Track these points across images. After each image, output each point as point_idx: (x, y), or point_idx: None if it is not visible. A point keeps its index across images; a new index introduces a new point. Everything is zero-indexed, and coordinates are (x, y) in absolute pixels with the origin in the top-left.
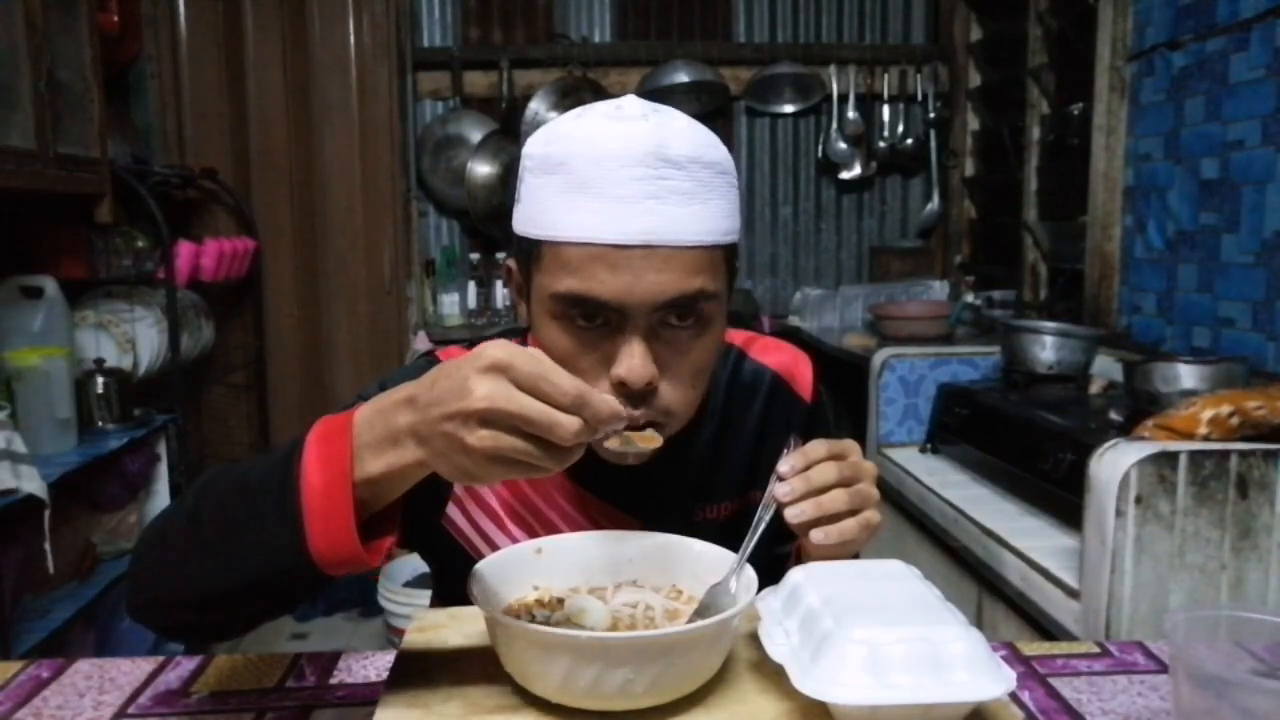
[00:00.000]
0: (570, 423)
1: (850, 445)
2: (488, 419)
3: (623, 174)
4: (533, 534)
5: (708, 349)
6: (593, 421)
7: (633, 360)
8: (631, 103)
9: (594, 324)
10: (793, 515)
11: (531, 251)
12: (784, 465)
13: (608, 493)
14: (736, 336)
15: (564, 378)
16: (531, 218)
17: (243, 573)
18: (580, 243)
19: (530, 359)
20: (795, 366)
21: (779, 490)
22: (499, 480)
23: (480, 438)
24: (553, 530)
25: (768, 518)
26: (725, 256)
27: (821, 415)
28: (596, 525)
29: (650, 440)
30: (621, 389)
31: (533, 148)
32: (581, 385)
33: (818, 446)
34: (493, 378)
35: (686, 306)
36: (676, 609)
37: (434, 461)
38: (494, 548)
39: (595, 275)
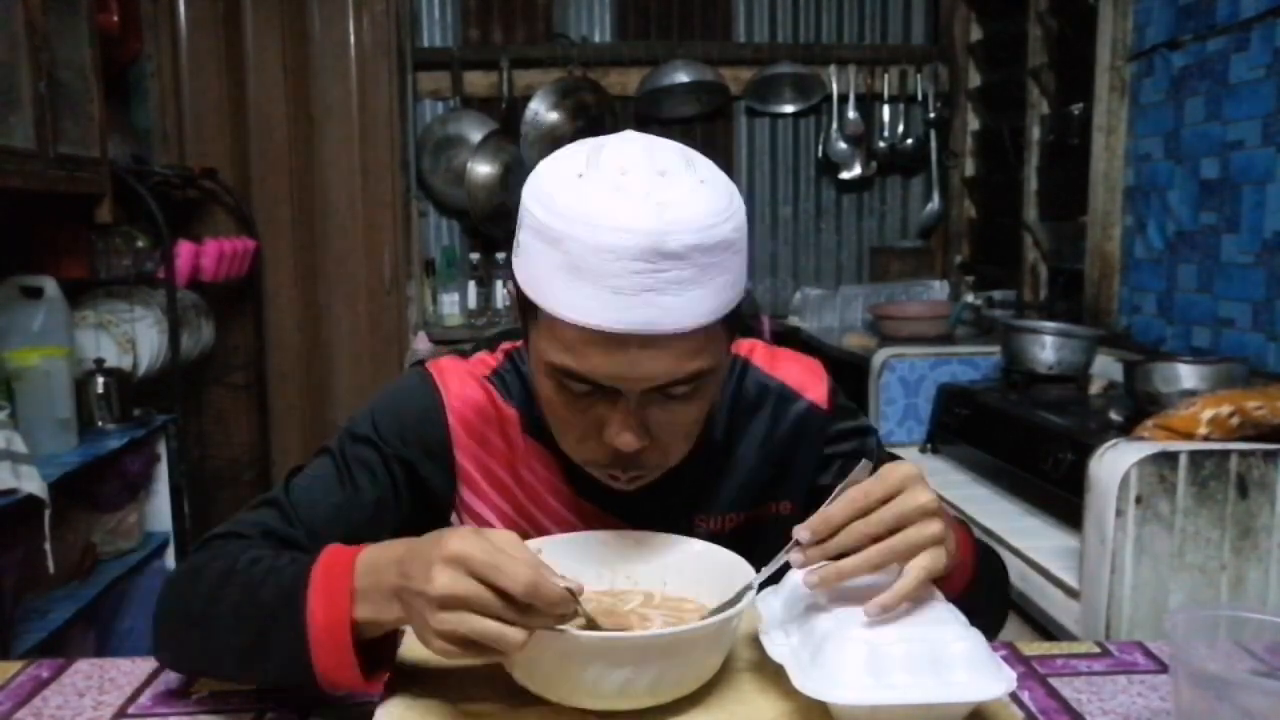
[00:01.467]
0: (521, 621)
1: (896, 481)
2: (446, 605)
3: (620, 267)
4: (527, 538)
5: (701, 410)
6: (546, 608)
7: (625, 432)
8: (637, 171)
9: (586, 388)
10: (810, 584)
11: (528, 304)
12: (802, 530)
13: (607, 503)
14: (742, 346)
15: (517, 569)
16: (529, 280)
17: (259, 678)
18: (575, 324)
19: (486, 550)
20: (806, 377)
21: (794, 558)
22: (463, 658)
23: (440, 620)
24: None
25: (783, 560)
26: (726, 322)
27: (849, 424)
28: (591, 531)
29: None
30: (613, 453)
31: (534, 207)
32: (534, 573)
33: (843, 505)
34: (451, 569)
35: (682, 385)
36: (677, 609)
37: (413, 628)
38: None
39: (589, 357)
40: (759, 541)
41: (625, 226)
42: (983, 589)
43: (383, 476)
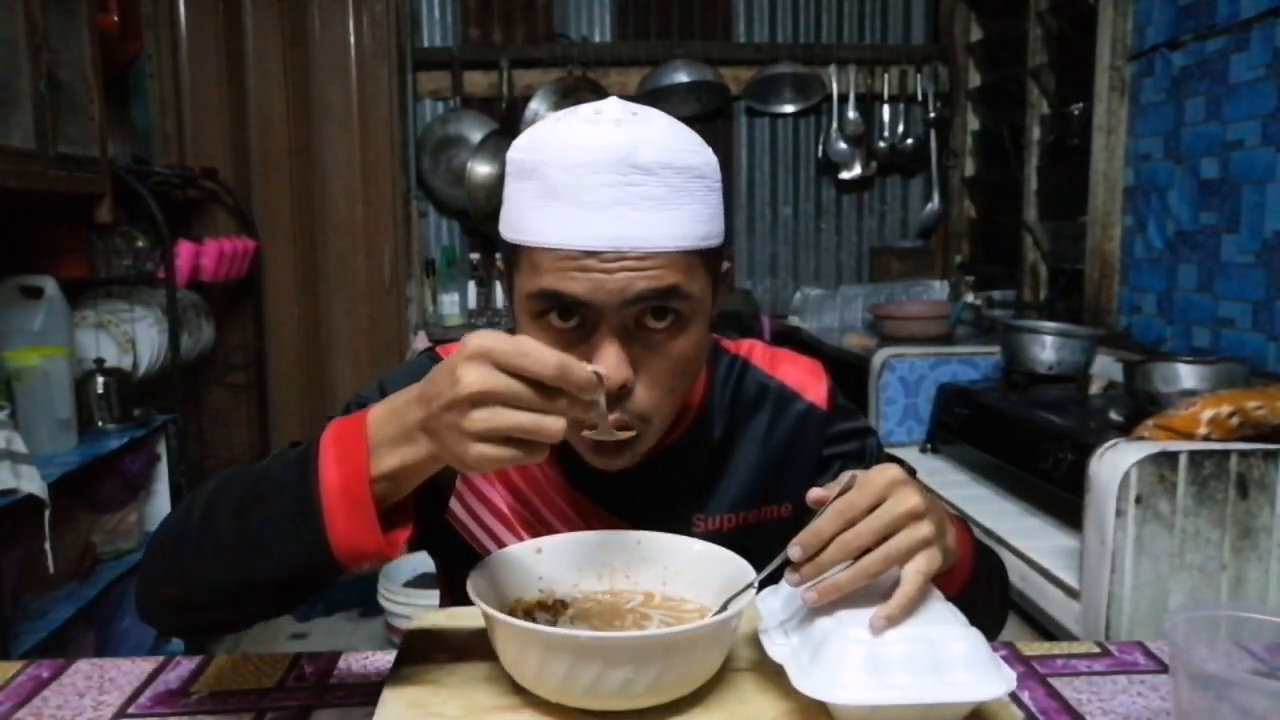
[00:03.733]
0: (554, 405)
1: (880, 487)
2: (478, 402)
3: (592, 180)
4: (533, 533)
5: (686, 351)
6: (573, 388)
7: (607, 361)
8: (612, 106)
9: (570, 323)
10: (810, 601)
11: (512, 254)
12: (793, 548)
13: (606, 499)
14: (741, 347)
15: (543, 351)
16: (510, 222)
17: (262, 570)
18: (551, 248)
19: (509, 340)
20: (806, 377)
21: (789, 577)
22: (504, 464)
23: (474, 420)
24: (551, 533)
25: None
26: (705, 262)
27: (849, 425)
28: (590, 529)
29: (627, 432)
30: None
31: (514, 152)
32: (561, 355)
33: (830, 518)
34: (477, 364)
35: (660, 304)
36: (677, 609)
37: (444, 454)
38: (498, 543)
39: (568, 278)
40: (758, 544)
41: (596, 144)
42: (982, 585)
43: None
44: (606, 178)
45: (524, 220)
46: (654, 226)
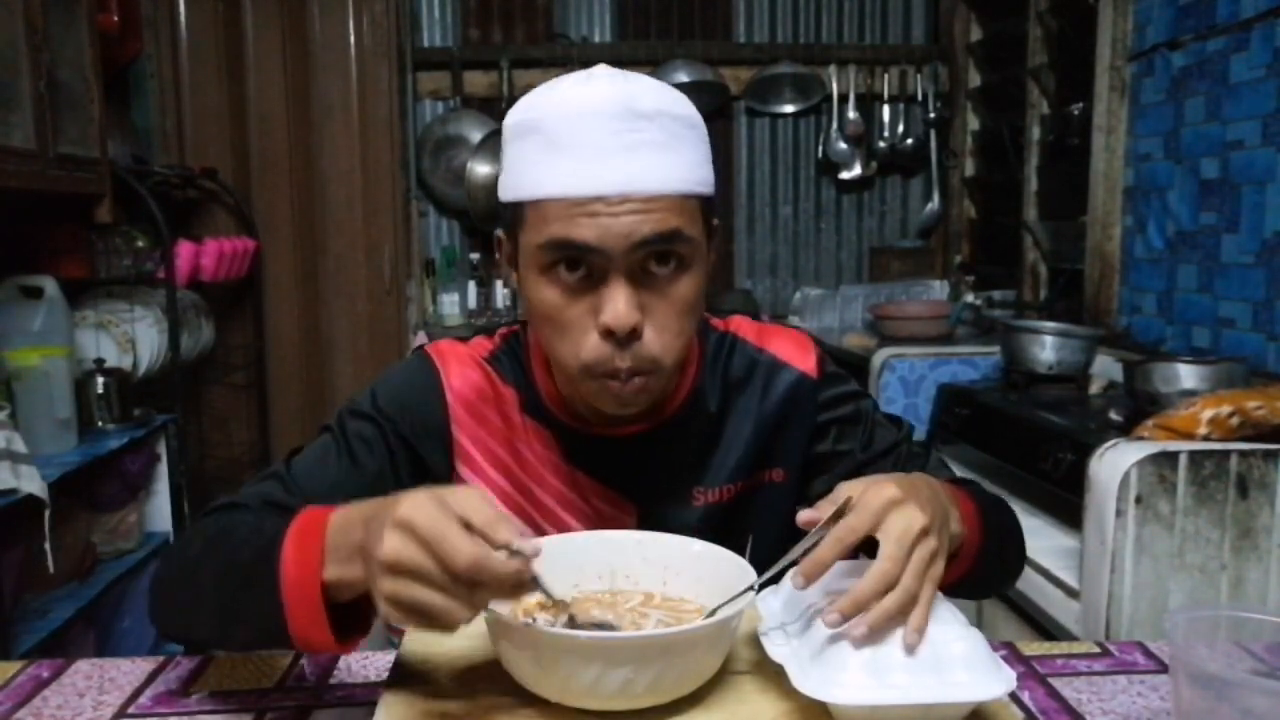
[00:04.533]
0: (462, 596)
1: (877, 508)
2: (390, 569)
3: (596, 127)
4: (527, 517)
5: (689, 294)
6: (492, 583)
7: (617, 305)
8: (600, 69)
9: (578, 274)
10: (831, 624)
11: (516, 215)
12: (797, 578)
13: (603, 474)
14: (730, 324)
15: (460, 542)
16: (514, 182)
17: (243, 637)
18: (559, 198)
19: (431, 519)
20: (794, 348)
21: (827, 619)
22: (410, 626)
23: (385, 586)
24: (547, 513)
25: (784, 563)
26: (701, 209)
27: (841, 390)
28: (591, 507)
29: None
30: (608, 336)
31: (511, 118)
32: (479, 552)
33: (830, 547)
34: (398, 533)
35: (664, 248)
36: (677, 609)
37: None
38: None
39: (576, 224)
40: (755, 510)
41: (596, 95)
42: (993, 546)
43: (381, 451)
44: (610, 125)
45: (528, 176)
46: (657, 170)
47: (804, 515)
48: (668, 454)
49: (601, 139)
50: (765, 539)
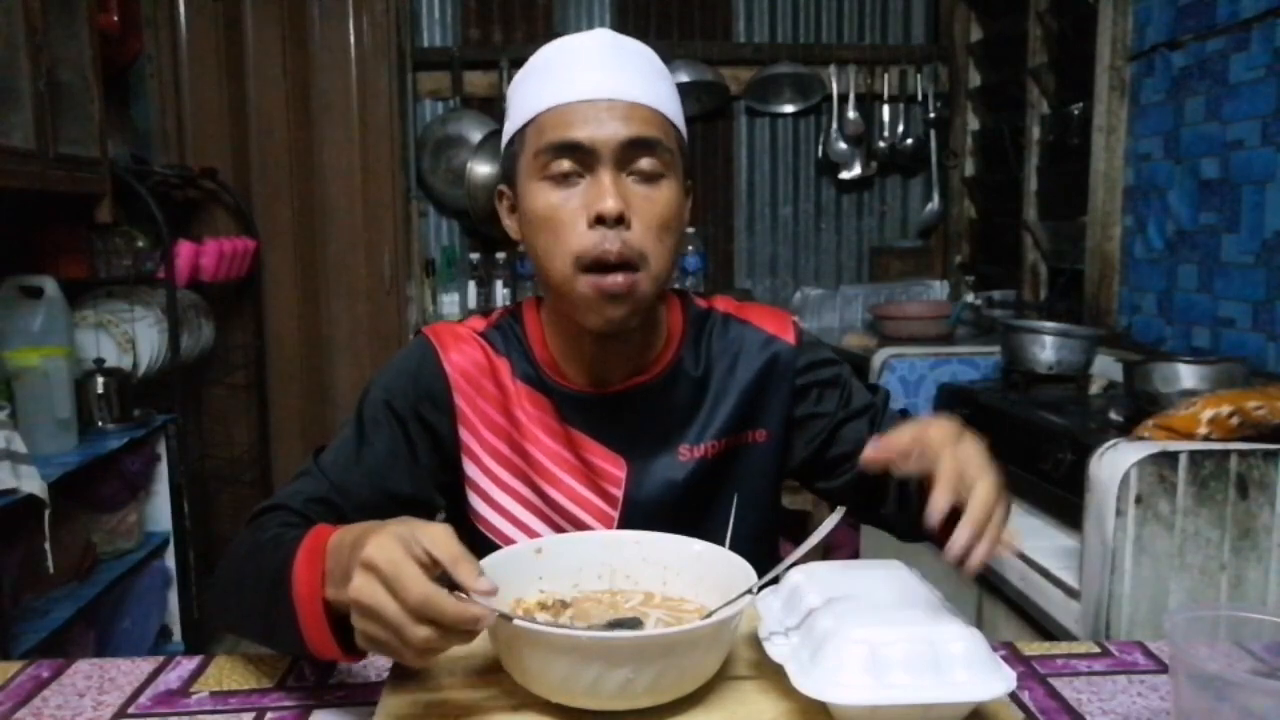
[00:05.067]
0: (413, 636)
1: (950, 431)
2: (356, 607)
3: (585, 51)
4: (522, 476)
5: (668, 201)
6: (443, 621)
7: (605, 194)
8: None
9: (571, 177)
10: (977, 559)
11: (516, 147)
12: (870, 449)
13: (593, 430)
14: (713, 302)
15: (413, 583)
16: (516, 118)
17: (281, 643)
18: (553, 106)
19: (389, 560)
20: (774, 321)
21: (957, 543)
22: (378, 654)
23: (356, 620)
24: (543, 471)
25: (785, 566)
26: (678, 145)
27: (819, 356)
28: (583, 462)
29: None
30: (599, 223)
31: (514, 81)
32: (428, 593)
33: (902, 435)
34: (364, 574)
35: (645, 152)
36: (677, 609)
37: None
38: (485, 498)
39: (570, 126)
40: (739, 468)
41: (586, 36)
42: None
43: (396, 429)
44: (599, 50)
45: (528, 104)
46: (639, 85)
47: (869, 453)
48: (654, 412)
49: (590, 59)
50: (749, 496)
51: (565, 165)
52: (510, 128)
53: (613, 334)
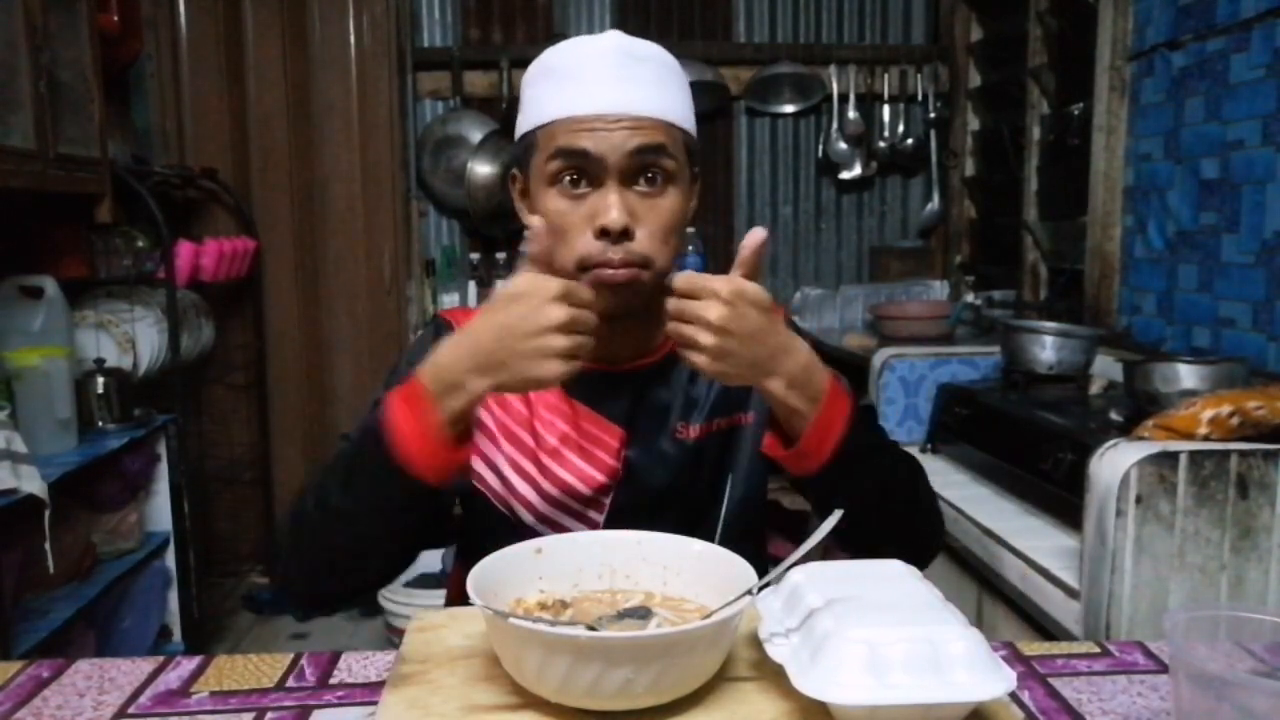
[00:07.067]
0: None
1: (737, 287)
2: (565, 328)
3: (598, 63)
4: (524, 448)
5: (673, 207)
6: (579, 303)
7: (611, 208)
8: (610, 31)
9: (580, 187)
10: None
11: (529, 145)
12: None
13: (595, 402)
14: None
15: (555, 281)
16: (529, 118)
17: (366, 511)
18: (566, 117)
19: (545, 281)
20: None
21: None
22: (563, 376)
23: (558, 343)
24: (544, 442)
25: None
26: (685, 145)
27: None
28: (585, 434)
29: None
30: (603, 235)
31: (529, 72)
32: (562, 282)
33: (692, 279)
34: (556, 303)
35: (652, 159)
36: (677, 609)
37: (507, 383)
38: (491, 466)
39: (580, 136)
40: (730, 448)
41: (599, 42)
42: (862, 459)
43: None
44: (609, 60)
45: (541, 108)
46: (647, 99)
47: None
48: (655, 391)
49: (602, 71)
50: (739, 475)
51: (574, 176)
52: (523, 122)
53: (616, 317)
